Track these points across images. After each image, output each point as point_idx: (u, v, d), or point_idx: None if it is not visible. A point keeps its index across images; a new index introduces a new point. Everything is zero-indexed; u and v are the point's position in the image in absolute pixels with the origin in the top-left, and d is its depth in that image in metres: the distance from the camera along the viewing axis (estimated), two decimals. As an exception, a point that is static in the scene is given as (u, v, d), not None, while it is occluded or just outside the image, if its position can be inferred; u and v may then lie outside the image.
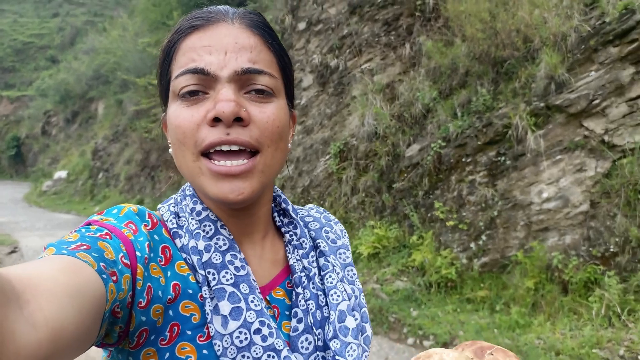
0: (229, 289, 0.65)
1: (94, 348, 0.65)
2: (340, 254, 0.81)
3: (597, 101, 4.32)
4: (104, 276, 0.53)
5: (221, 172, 0.64)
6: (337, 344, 0.69)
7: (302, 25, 8.24)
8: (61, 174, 20.22)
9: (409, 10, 6.80)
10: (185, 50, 0.68)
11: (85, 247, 0.56)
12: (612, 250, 4.13)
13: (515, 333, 4.10)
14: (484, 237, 4.87)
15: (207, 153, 0.66)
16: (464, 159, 5.17)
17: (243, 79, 0.66)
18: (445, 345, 4.21)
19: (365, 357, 0.73)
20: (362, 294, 0.80)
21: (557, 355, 3.65)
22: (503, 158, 4.86)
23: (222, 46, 0.66)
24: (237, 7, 0.77)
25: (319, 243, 0.79)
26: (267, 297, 0.73)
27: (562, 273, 4.25)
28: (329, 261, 0.77)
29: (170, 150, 0.72)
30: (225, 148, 0.64)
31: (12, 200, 18.38)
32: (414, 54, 6.60)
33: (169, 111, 0.69)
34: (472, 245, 4.95)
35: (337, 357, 0.68)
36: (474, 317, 4.48)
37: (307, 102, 7.94)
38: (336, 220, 0.89)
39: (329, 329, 0.70)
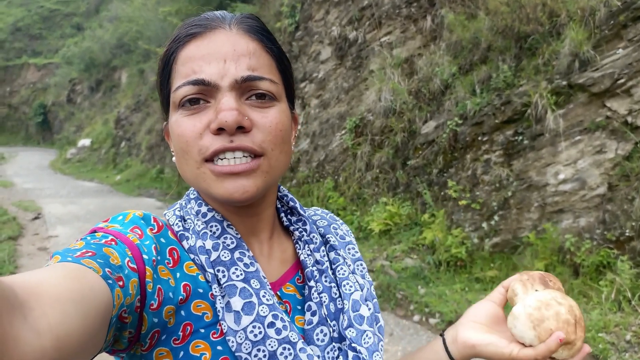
0: (240, 284, 0.66)
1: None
2: (349, 249, 0.82)
3: (622, 80, 4.15)
4: (110, 281, 0.53)
5: (224, 171, 0.65)
6: (352, 332, 0.70)
7: (322, -4, 8.07)
8: (85, 142, 20.61)
9: (431, -18, 6.58)
10: (184, 60, 0.68)
11: (90, 253, 0.56)
12: (627, 234, 4.03)
13: (522, 314, 4.06)
14: (496, 217, 4.80)
15: (210, 159, 0.66)
16: (480, 138, 5.06)
17: (244, 86, 0.66)
18: (450, 323, 4.21)
19: (381, 346, 0.73)
20: (372, 286, 0.81)
21: (563, 338, 3.61)
22: (520, 137, 4.74)
23: (221, 54, 0.66)
24: None
25: (328, 238, 0.81)
26: (278, 293, 0.74)
27: (574, 256, 4.17)
28: (339, 254, 0.78)
29: (173, 159, 0.73)
30: (229, 155, 0.65)
31: (38, 167, 18.85)
32: (435, 27, 6.42)
33: (171, 120, 0.70)
34: (484, 225, 4.88)
35: (353, 345, 0.69)
36: (481, 297, 4.43)
37: (325, 76, 7.84)
38: (341, 221, 0.91)
39: (343, 318, 0.71)
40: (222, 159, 0.65)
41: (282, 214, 0.83)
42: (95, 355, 0.53)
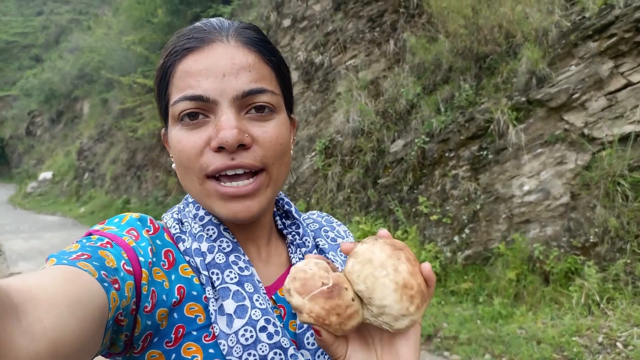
0: (234, 287, 0.65)
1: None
2: (340, 252, 0.81)
3: (577, 95, 4.39)
4: (106, 284, 0.53)
5: (229, 193, 0.65)
6: None
7: (287, 22, 8.25)
8: (46, 175, 20.02)
9: (393, 7, 6.84)
10: (181, 74, 0.67)
11: (86, 256, 0.55)
12: (591, 240, 4.20)
13: (497, 324, 4.15)
14: (467, 231, 4.92)
15: (212, 176, 0.67)
16: (447, 154, 5.22)
17: (243, 101, 0.66)
18: (429, 337, 4.26)
19: None
20: None
21: (538, 344, 3.71)
22: (485, 152, 4.92)
23: (219, 69, 0.65)
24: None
25: (318, 242, 0.81)
26: (273, 297, 0.73)
27: (544, 264, 4.31)
28: (328, 258, 0.77)
29: (173, 165, 0.73)
30: (230, 172, 0.65)
31: (-4, 202, 18.16)
32: (399, 50, 6.64)
33: (171, 134, 0.69)
34: (456, 238, 5.00)
35: None
36: (457, 309, 4.53)
37: (293, 100, 7.94)
38: (339, 222, 0.90)
39: None
40: (225, 180, 0.66)
41: (277, 218, 0.83)
42: (93, 357, 0.53)
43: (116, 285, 0.55)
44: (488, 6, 5.42)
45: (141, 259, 0.62)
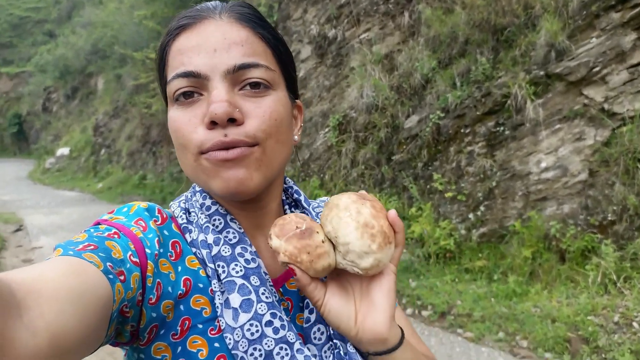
0: (239, 281, 0.65)
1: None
2: None
3: (597, 68, 4.25)
4: (111, 276, 0.53)
5: (218, 157, 0.64)
6: None
7: (299, -5, 8.08)
8: (63, 150, 20.26)
9: (407, -23, 6.64)
10: (175, 52, 0.67)
11: (92, 247, 0.55)
12: (609, 218, 4.14)
13: (512, 302, 4.15)
14: (482, 208, 4.88)
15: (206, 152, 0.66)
16: (462, 130, 5.13)
17: (236, 76, 0.65)
18: (442, 314, 4.28)
19: None
20: None
21: (553, 322, 3.70)
22: (502, 128, 4.82)
23: (211, 44, 0.64)
24: None
25: None
26: (281, 289, 0.73)
27: (560, 242, 4.27)
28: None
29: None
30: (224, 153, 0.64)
31: (16, 178, 18.50)
32: (413, 23, 6.48)
33: (169, 114, 0.69)
34: (471, 215, 4.96)
35: (343, 344, 0.69)
36: (472, 287, 4.53)
37: (306, 75, 7.85)
38: None
39: None
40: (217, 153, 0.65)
41: (287, 207, 0.82)
42: (97, 348, 0.54)
43: (122, 277, 0.55)
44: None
45: (147, 250, 0.62)
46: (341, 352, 0.68)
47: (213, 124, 0.63)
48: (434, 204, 5.32)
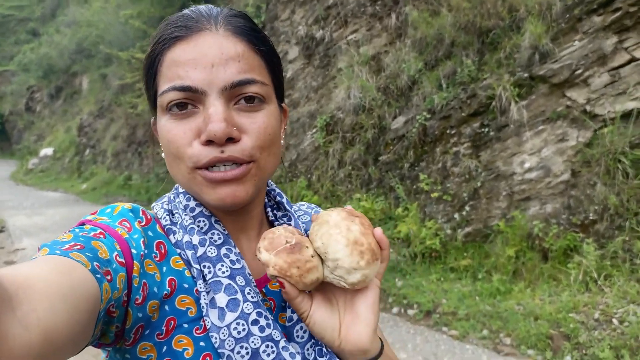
0: (225, 281, 0.66)
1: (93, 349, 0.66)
2: None
3: (579, 71, 4.34)
4: (98, 276, 0.53)
5: (216, 178, 0.65)
6: None
7: (286, -4, 8.10)
8: (47, 151, 20.00)
9: (394, -20, 6.70)
10: (169, 63, 0.66)
11: (78, 246, 0.55)
12: (591, 218, 4.22)
13: (496, 300, 4.21)
14: (467, 208, 4.94)
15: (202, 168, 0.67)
16: (448, 131, 5.19)
17: (232, 92, 0.66)
18: (428, 313, 4.32)
19: None
20: None
21: (535, 320, 3.76)
22: (487, 129, 4.89)
23: (208, 59, 0.65)
24: None
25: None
26: (263, 290, 0.74)
27: (543, 241, 4.34)
28: None
29: (162, 154, 0.73)
30: (220, 166, 0.65)
31: (-2, 178, 18.21)
32: (400, 25, 6.54)
33: (160, 123, 0.69)
34: (456, 215, 5.02)
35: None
36: (456, 286, 4.58)
37: (293, 75, 7.87)
38: None
39: None
40: (213, 167, 0.66)
41: (269, 209, 0.83)
42: (83, 348, 0.54)
43: (108, 277, 0.55)
44: (491, -21, 5.30)
45: (133, 251, 0.62)
46: (323, 350, 0.69)
47: (209, 142, 0.64)
48: (420, 204, 5.37)
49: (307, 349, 0.70)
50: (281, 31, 8.15)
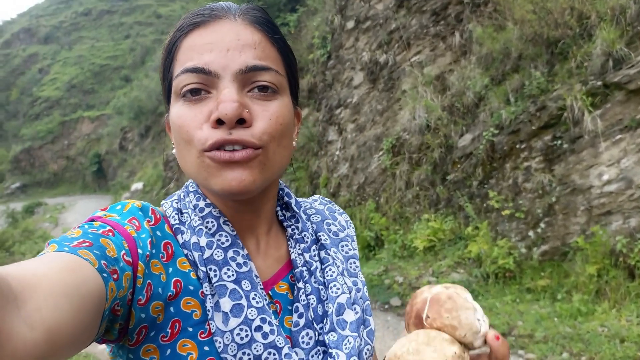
0: (230, 285, 0.65)
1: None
2: (342, 246, 0.80)
3: (659, 74, 4.05)
4: (105, 274, 0.53)
5: (223, 158, 0.63)
6: (334, 336, 0.68)
7: (350, 24, 8.31)
8: (138, 185, 21.54)
9: (457, -1, 6.68)
10: (185, 48, 0.66)
11: (87, 244, 0.55)
12: (683, 232, 3.85)
13: (577, 321, 3.92)
14: (542, 225, 4.69)
15: (209, 151, 0.65)
16: (518, 146, 5.01)
17: (246, 77, 0.65)
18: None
19: (368, 350, 0.71)
20: (365, 286, 0.78)
21: (621, 342, 3.46)
22: (559, 142, 4.66)
23: (224, 44, 0.65)
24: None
25: (320, 236, 0.79)
26: (270, 292, 0.73)
27: (628, 258, 4.01)
28: (329, 254, 0.76)
29: (173, 150, 0.72)
30: (228, 148, 0.64)
31: (95, 212, 19.84)
32: (465, 42, 6.48)
33: (172, 111, 0.68)
34: (531, 233, 4.78)
35: (330, 351, 0.67)
36: (534, 307, 4.33)
37: (359, 100, 7.99)
38: (341, 210, 0.89)
39: (326, 322, 0.70)
40: (220, 150, 0.64)
41: (278, 208, 0.82)
42: (88, 345, 0.54)
43: (115, 276, 0.55)
44: (557, -12, 5.14)
45: (139, 251, 0.61)
46: (329, 357, 0.67)
47: (219, 123, 0.63)
48: (490, 222, 5.17)
49: (312, 356, 0.69)
50: (346, 59, 8.36)
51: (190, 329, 0.64)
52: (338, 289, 0.72)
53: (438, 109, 6.29)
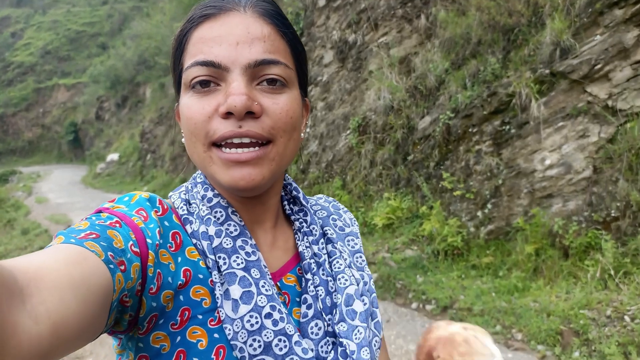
0: (240, 273, 0.66)
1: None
2: (348, 241, 0.82)
3: (599, 66, 4.27)
4: (112, 266, 0.53)
5: (231, 159, 0.64)
6: (344, 327, 0.69)
7: (322, 2, 8.35)
8: (113, 156, 21.39)
9: (424, -19, 6.78)
10: (195, 40, 0.67)
11: (94, 235, 0.56)
12: (613, 214, 4.14)
13: (513, 297, 4.22)
14: (489, 206, 4.96)
15: (218, 144, 0.66)
16: (470, 129, 5.23)
17: (255, 71, 0.66)
18: (445, 309, 4.40)
19: (377, 341, 0.73)
20: (372, 280, 0.80)
21: (548, 316, 3.76)
22: (507, 127, 4.89)
23: (234, 37, 0.65)
24: None
25: (326, 230, 0.80)
26: (278, 284, 0.73)
27: (563, 238, 4.30)
28: (336, 248, 0.77)
29: (182, 139, 0.72)
30: (237, 141, 0.64)
31: (70, 183, 19.72)
32: (430, 25, 6.61)
33: (182, 101, 0.69)
34: (479, 213, 5.05)
35: (341, 340, 0.68)
36: (477, 283, 4.62)
37: (328, 79, 8.10)
38: (345, 209, 0.91)
39: (336, 312, 0.70)
40: (229, 146, 0.65)
41: (285, 202, 0.83)
42: (96, 337, 0.54)
43: (122, 267, 0.55)
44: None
45: (148, 240, 0.62)
46: (347, 351, 0.68)
47: (229, 115, 0.64)
48: (444, 202, 5.43)
49: (322, 346, 0.69)
50: (317, 36, 8.42)
51: (200, 317, 0.64)
52: (346, 280, 0.73)
53: (402, 91, 6.46)
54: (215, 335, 0.64)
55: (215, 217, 0.70)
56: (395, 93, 6.54)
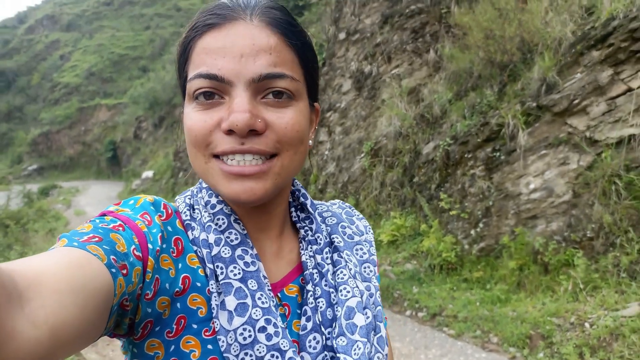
0: (236, 284, 0.64)
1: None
2: (357, 249, 0.79)
3: (577, 101, 4.75)
4: (113, 270, 0.53)
5: (233, 172, 0.63)
6: (343, 341, 0.67)
7: (342, 35, 9.08)
8: (148, 173, 22.50)
9: (434, 18, 7.42)
10: (199, 50, 0.65)
11: (97, 239, 0.55)
12: (588, 235, 4.57)
13: (495, 306, 4.67)
14: (481, 225, 5.43)
15: (218, 156, 0.64)
16: (466, 155, 5.75)
17: (260, 85, 0.63)
18: (434, 316, 4.87)
19: (379, 358, 0.69)
20: (379, 292, 0.78)
21: (522, 323, 4.20)
22: (498, 154, 5.40)
23: (238, 49, 0.63)
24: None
25: (333, 238, 0.77)
26: (279, 294, 0.71)
27: (544, 255, 4.74)
28: (342, 257, 0.75)
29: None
30: (239, 157, 0.63)
31: (107, 198, 20.86)
32: (438, 59, 7.21)
33: (185, 111, 0.68)
34: (472, 232, 5.53)
35: (339, 355, 0.66)
36: (466, 294, 5.08)
37: (346, 106, 8.76)
38: (360, 216, 0.88)
39: (335, 326, 0.68)
40: (231, 159, 0.63)
41: (292, 209, 0.81)
42: (96, 340, 0.54)
43: (124, 271, 0.55)
44: (508, 21, 5.85)
45: (150, 246, 0.61)
46: None
47: (231, 132, 0.62)
48: (442, 221, 5.92)
49: None
50: (337, 66, 9.12)
51: (195, 326, 0.63)
52: (348, 292, 0.70)
53: (409, 118, 7.04)
54: (209, 346, 0.63)
55: (216, 224, 0.69)
56: (404, 120, 7.13)
